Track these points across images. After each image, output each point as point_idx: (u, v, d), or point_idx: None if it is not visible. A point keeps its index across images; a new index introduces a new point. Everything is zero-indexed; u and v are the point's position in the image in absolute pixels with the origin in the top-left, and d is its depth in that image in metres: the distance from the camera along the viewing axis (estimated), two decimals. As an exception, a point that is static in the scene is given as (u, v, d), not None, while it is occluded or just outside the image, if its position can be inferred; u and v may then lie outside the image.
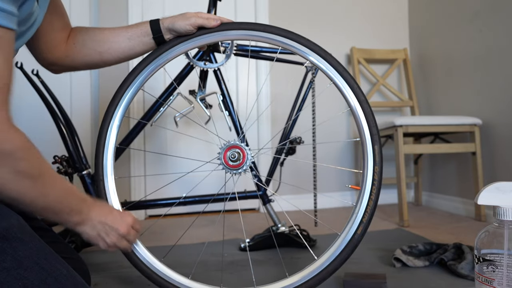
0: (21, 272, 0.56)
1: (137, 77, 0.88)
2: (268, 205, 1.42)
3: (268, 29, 0.88)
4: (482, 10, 1.87)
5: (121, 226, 0.76)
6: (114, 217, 0.76)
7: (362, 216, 0.84)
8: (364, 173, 0.84)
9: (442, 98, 2.20)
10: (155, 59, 0.88)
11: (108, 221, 0.74)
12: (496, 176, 1.79)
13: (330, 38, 2.40)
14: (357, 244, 0.83)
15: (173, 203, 1.38)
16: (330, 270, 0.83)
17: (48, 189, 0.62)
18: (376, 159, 0.84)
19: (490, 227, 0.77)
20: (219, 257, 1.29)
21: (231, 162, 0.87)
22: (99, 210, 0.74)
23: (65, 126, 1.31)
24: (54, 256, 0.63)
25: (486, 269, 0.75)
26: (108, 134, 0.87)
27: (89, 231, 0.72)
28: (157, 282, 0.85)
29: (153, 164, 2.17)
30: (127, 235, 0.77)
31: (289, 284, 0.82)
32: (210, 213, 2.16)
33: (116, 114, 0.88)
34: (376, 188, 0.84)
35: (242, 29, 0.87)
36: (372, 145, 0.85)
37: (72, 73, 2.11)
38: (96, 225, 0.72)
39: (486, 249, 0.76)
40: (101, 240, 0.74)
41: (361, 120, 0.87)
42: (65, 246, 0.84)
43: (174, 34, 0.88)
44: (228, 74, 2.25)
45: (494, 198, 0.77)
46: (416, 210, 2.17)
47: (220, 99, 1.34)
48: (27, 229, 0.60)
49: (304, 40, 0.89)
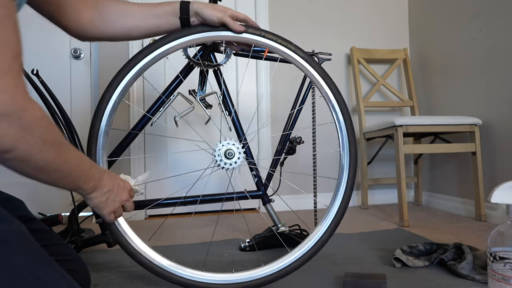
0: (14, 282, 0.53)
1: (155, 51, 0.90)
2: (268, 205, 1.42)
3: (285, 44, 0.94)
4: (482, 10, 1.87)
5: (124, 193, 0.78)
6: (118, 183, 0.77)
7: (332, 219, 0.94)
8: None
9: (442, 98, 2.20)
10: (180, 38, 0.90)
11: (114, 187, 0.75)
12: (496, 176, 1.79)
13: (330, 38, 2.41)
14: (325, 242, 0.94)
15: (175, 203, 1.38)
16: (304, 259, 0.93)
17: (69, 155, 0.62)
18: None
19: (502, 226, 0.77)
20: (219, 257, 1.29)
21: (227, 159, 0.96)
22: (107, 175, 0.75)
23: (65, 126, 1.31)
24: (54, 267, 0.60)
25: (503, 267, 0.75)
26: (105, 114, 0.89)
27: (99, 197, 0.72)
28: (141, 262, 0.88)
29: (153, 164, 2.17)
30: (126, 202, 0.79)
31: (264, 271, 0.91)
32: (210, 213, 2.16)
33: (116, 93, 0.89)
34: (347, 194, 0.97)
35: (262, 36, 0.92)
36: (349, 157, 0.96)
37: (72, 73, 2.12)
38: (105, 191, 0.73)
39: (498, 247, 0.76)
40: (106, 207, 0.75)
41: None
42: (66, 248, 0.83)
43: (199, 20, 0.89)
44: (228, 74, 2.25)
45: (507, 196, 0.77)
46: (416, 210, 2.17)
47: (220, 99, 1.33)
48: (27, 236, 0.57)
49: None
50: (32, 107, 0.54)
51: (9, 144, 0.50)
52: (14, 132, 0.50)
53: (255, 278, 0.90)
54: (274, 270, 0.91)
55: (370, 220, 1.90)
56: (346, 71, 2.43)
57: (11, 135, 0.50)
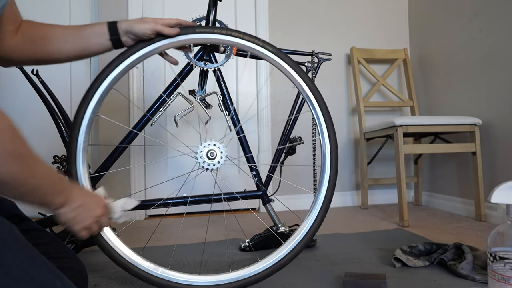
0: (7, 283, 0.52)
1: (106, 79, 0.91)
2: (268, 205, 1.42)
3: (225, 32, 0.93)
4: (482, 10, 1.88)
5: (96, 209, 0.75)
6: (90, 199, 0.75)
7: (320, 206, 0.95)
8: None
9: (442, 98, 2.20)
10: (120, 63, 0.91)
11: (86, 202, 0.73)
12: (496, 176, 1.79)
13: (330, 38, 2.41)
14: (317, 229, 0.94)
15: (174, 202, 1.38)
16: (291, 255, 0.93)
17: (35, 170, 0.61)
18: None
19: (502, 226, 0.77)
20: (219, 257, 1.29)
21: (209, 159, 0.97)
22: (78, 191, 0.73)
23: (65, 126, 1.31)
24: (47, 266, 0.59)
25: (503, 267, 0.75)
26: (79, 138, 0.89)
27: (69, 213, 0.70)
28: (111, 256, 0.88)
29: (153, 164, 2.17)
30: (100, 218, 0.76)
31: (260, 266, 0.91)
32: (211, 213, 2.16)
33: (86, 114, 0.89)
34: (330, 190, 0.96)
35: (198, 32, 0.92)
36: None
37: (72, 72, 2.12)
38: (76, 207, 0.70)
39: (498, 247, 0.76)
40: (77, 223, 0.72)
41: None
42: (60, 246, 0.83)
43: (132, 37, 0.89)
44: (228, 74, 2.25)
45: (507, 196, 0.77)
46: (416, 210, 2.17)
47: (220, 99, 1.34)
48: (19, 237, 0.57)
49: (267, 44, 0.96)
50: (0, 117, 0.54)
51: None
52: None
53: (252, 274, 0.90)
54: (270, 264, 0.91)
55: (370, 220, 1.90)
56: (346, 71, 2.43)
57: None
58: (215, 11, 1.32)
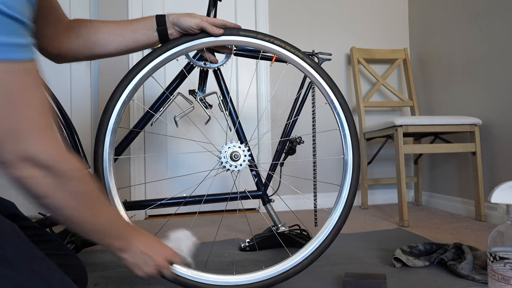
0: (10, 273, 0.54)
1: (146, 66, 0.92)
2: (268, 205, 1.42)
3: (270, 39, 0.94)
4: (482, 10, 1.88)
5: (159, 258, 0.77)
6: (154, 248, 0.77)
7: (335, 222, 0.95)
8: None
9: (442, 98, 2.20)
10: (163, 53, 0.91)
11: (148, 251, 0.75)
12: (496, 176, 1.79)
13: (330, 38, 2.41)
14: (327, 246, 0.94)
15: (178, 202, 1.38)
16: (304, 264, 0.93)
17: (99, 211, 0.65)
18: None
19: (502, 226, 0.77)
20: (219, 257, 1.29)
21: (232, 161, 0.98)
22: (142, 238, 0.75)
23: (65, 126, 1.31)
24: (48, 262, 0.61)
25: (503, 267, 0.75)
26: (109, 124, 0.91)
27: (130, 258, 0.73)
28: None
29: (153, 164, 2.17)
30: (162, 267, 0.78)
31: (265, 275, 0.91)
32: (211, 213, 2.16)
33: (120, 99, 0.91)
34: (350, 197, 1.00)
35: (241, 35, 0.93)
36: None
37: (72, 72, 2.12)
38: (137, 253, 0.73)
39: (498, 247, 0.76)
40: (139, 269, 0.75)
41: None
42: (59, 244, 0.83)
43: (177, 30, 0.90)
44: (228, 74, 2.25)
45: (507, 196, 0.77)
46: (416, 210, 2.17)
47: (220, 99, 1.33)
48: (20, 234, 0.59)
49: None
50: (70, 160, 0.58)
51: (44, 192, 0.55)
52: (49, 181, 0.55)
53: (256, 281, 0.89)
54: (274, 273, 0.91)
55: (370, 220, 1.90)
56: (346, 71, 2.43)
57: (46, 184, 0.54)
58: (215, 11, 1.32)
